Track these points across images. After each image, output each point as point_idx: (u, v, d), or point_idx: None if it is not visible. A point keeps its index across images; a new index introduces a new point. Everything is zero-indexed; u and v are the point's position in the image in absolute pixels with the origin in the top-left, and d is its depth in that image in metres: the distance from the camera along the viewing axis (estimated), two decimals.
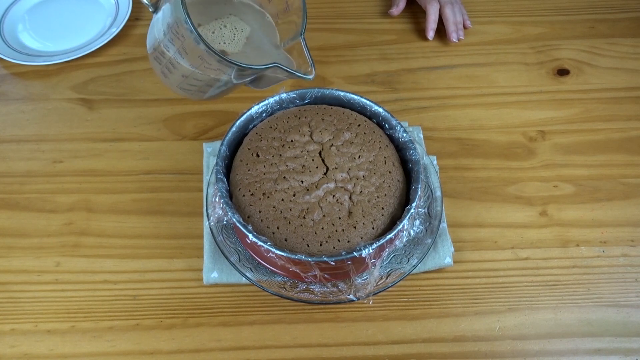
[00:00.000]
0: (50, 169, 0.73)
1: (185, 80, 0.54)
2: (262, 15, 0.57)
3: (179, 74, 0.53)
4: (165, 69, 0.54)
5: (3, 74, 0.83)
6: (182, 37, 0.48)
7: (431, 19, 0.85)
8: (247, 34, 0.55)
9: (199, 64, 0.50)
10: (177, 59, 0.51)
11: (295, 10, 0.55)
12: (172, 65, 0.52)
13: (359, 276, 0.60)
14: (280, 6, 0.56)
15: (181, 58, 0.51)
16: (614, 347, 0.60)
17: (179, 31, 0.48)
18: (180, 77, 0.53)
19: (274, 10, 0.56)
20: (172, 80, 0.55)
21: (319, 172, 0.60)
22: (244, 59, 0.54)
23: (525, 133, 0.76)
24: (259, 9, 0.57)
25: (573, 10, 0.91)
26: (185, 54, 0.50)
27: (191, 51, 0.49)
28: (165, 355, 0.60)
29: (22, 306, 0.63)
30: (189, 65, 0.51)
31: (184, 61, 0.51)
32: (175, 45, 0.50)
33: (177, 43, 0.49)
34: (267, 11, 0.57)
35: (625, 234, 0.68)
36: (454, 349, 0.60)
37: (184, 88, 0.55)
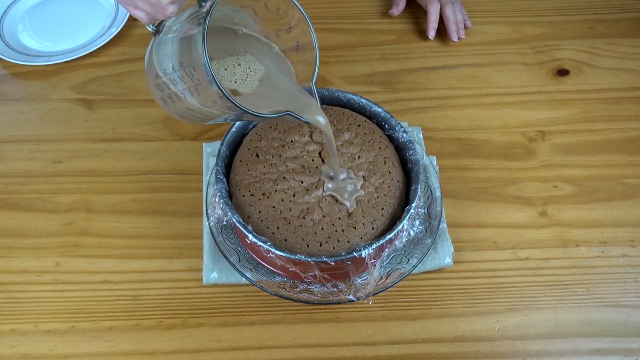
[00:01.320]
0: (50, 169, 0.73)
1: (188, 112, 0.51)
2: (269, 46, 0.55)
3: (184, 106, 0.51)
4: (168, 98, 0.51)
5: (3, 74, 0.83)
6: (198, 81, 0.46)
7: (432, 19, 0.85)
8: (261, 76, 0.53)
9: (210, 105, 0.48)
10: (184, 95, 0.49)
11: (306, 50, 0.53)
12: (176, 97, 0.50)
13: (359, 276, 0.60)
14: (289, 44, 0.54)
15: (190, 96, 0.48)
16: (613, 347, 0.60)
17: (195, 74, 0.46)
18: (184, 109, 0.51)
19: (283, 47, 0.55)
20: (172, 108, 0.53)
21: (319, 172, 0.60)
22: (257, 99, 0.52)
23: (525, 133, 0.76)
24: (266, 41, 0.55)
25: (573, 11, 0.91)
26: (197, 95, 0.48)
27: (204, 94, 0.47)
28: (165, 355, 0.60)
29: (21, 306, 0.62)
30: (198, 103, 0.49)
31: (192, 99, 0.48)
32: (185, 84, 0.48)
33: (188, 82, 0.47)
34: (274, 44, 0.55)
35: (625, 234, 0.68)
36: (453, 349, 0.60)
37: (184, 116, 0.53)
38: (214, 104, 0.47)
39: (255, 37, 0.54)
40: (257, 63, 0.54)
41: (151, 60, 0.52)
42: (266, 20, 0.53)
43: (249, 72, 0.53)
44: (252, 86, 0.53)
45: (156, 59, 0.51)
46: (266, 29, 0.54)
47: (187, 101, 0.49)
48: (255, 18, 0.53)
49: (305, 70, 0.54)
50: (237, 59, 0.53)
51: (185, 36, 0.47)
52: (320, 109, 0.53)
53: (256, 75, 0.53)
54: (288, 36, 0.53)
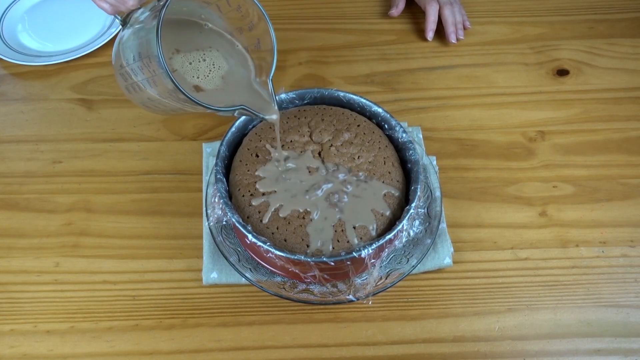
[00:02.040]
0: (50, 169, 0.73)
1: (149, 102, 0.53)
2: (232, 43, 0.56)
3: (145, 96, 0.52)
4: (131, 87, 0.53)
5: (2, 74, 0.83)
6: (154, 72, 0.47)
7: (430, 20, 0.85)
8: (224, 73, 0.55)
9: (167, 96, 0.49)
10: (144, 85, 0.50)
11: (266, 49, 0.54)
12: (138, 87, 0.52)
13: (359, 276, 0.60)
14: (251, 41, 0.55)
15: (149, 86, 0.50)
16: (613, 347, 0.60)
17: (151, 66, 0.47)
18: (146, 99, 0.53)
19: (245, 44, 0.56)
20: (135, 98, 0.55)
21: (318, 173, 0.60)
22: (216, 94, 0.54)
23: (525, 133, 0.76)
24: (230, 38, 0.56)
25: (573, 11, 0.91)
26: (155, 85, 0.49)
27: (161, 85, 0.48)
28: (165, 355, 0.60)
29: (21, 306, 0.62)
30: (157, 94, 0.50)
31: (151, 89, 0.50)
32: (144, 74, 0.49)
33: (146, 73, 0.49)
34: (238, 41, 0.56)
35: (624, 234, 0.68)
36: (453, 349, 0.60)
37: (148, 106, 0.55)
38: (169, 94, 0.48)
39: (219, 33, 0.56)
40: (222, 60, 0.55)
41: (118, 50, 0.53)
42: (230, 18, 0.54)
43: (212, 68, 0.55)
44: (214, 82, 0.54)
45: (121, 49, 0.53)
46: (230, 26, 0.55)
47: (147, 91, 0.51)
48: (220, 14, 0.54)
49: (266, 67, 0.55)
50: (203, 54, 0.55)
51: (145, 28, 0.49)
52: (275, 105, 0.55)
53: (219, 72, 0.55)
54: (250, 34, 0.55)
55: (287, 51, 0.85)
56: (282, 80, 0.82)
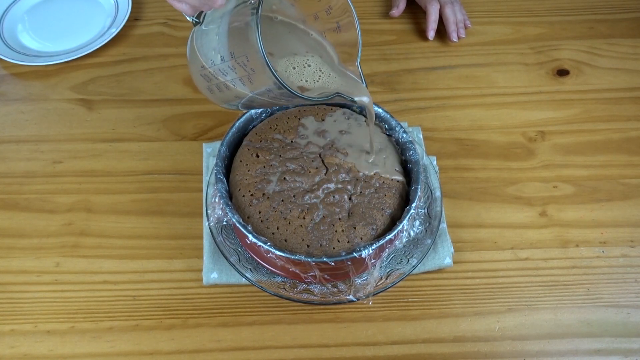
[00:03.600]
0: (50, 169, 0.73)
1: (236, 100, 0.52)
2: (307, 33, 0.55)
3: (232, 95, 0.51)
4: (215, 87, 0.52)
5: (2, 74, 0.83)
6: (251, 70, 0.46)
7: (431, 19, 0.85)
8: (328, 77, 0.54)
9: (262, 92, 0.49)
10: (234, 84, 0.50)
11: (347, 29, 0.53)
12: (225, 87, 0.51)
13: (359, 277, 0.60)
14: (329, 25, 0.54)
15: (242, 85, 0.49)
16: (613, 347, 0.60)
17: (248, 64, 0.46)
18: (232, 97, 0.52)
19: (322, 29, 0.55)
20: (219, 97, 0.54)
21: (319, 173, 0.60)
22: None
23: (525, 133, 0.76)
24: (303, 28, 0.55)
25: (573, 11, 0.91)
26: (250, 83, 0.48)
27: (257, 82, 0.48)
28: (165, 355, 0.60)
29: (21, 307, 0.62)
30: (249, 92, 0.50)
31: (244, 87, 0.49)
32: (237, 73, 0.48)
33: (240, 72, 0.48)
34: (311, 29, 0.55)
35: (624, 234, 0.68)
36: (453, 349, 0.60)
37: (232, 103, 0.54)
38: (267, 91, 0.48)
39: (291, 24, 0.55)
40: (326, 66, 0.55)
41: (194, 51, 0.52)
42: (303, 4, 0.53)
43: (321, 74, 0.54)
44: (319, 85, 0.54)
45: (201, 50, 0.51)
46: (304, 12, 0.54)
47: (238, 90, 0.50)
48: (292, 1, 0.53)
49: (347, 51, 0.54)
50: (307, 60, 0.54)
51: (233, 26, 0.47)
52: (366, 89, 0.55)
53: (327, 78, 0.55)
54: (327, 17, 0.53)
55: None
56: None
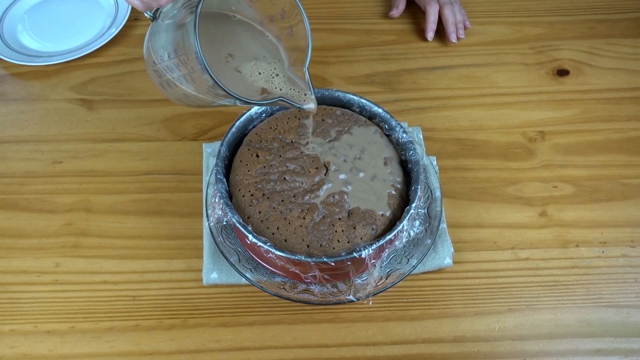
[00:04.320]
0: (50, 169, 0.73)
1: (185, 97, 0.52)
2: (263, 34, 0.55)
3: (180, 92, 0.51)
4: (166, 83, 0.52)
5: (2, 74, 0.83)
6: (192, 69, 0.47)
7: (431, 20, 0.85)
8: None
9: (205, 91, 0.49)
10: (180, 82, 0.50)
11: (299, 37, 0.53)
12: (173, 84, 0.51)
13: (359, 277, 0.60)
14: (283, 30, 0.54)
15: (186, 83, 0.49)
16: (613, 347, 0.60)
17: (189, 63, 0.46)
18: (181, 95, 0.52)
19: (277, 33, 0.55)
20: (170, 93, 0.54)
21: (319, 173, 0.60)
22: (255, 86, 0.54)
23: (525, 133, 0.76)
24: (260, 29, 0.55)
25: (573, 11, 0.91)
26: (192, 82, 0.48)
27: (199, 81, 0.48)
28: (165, 355, 0.60)
29: (21, 307, 0.62)
30: (193, 90, 0.50)
31: (188, 86, 0.49)
32: (181, 71, 0.48)
33: (183, 70, 0.48)
34: (268, 31, 0.55)
35: (624, 234, 0.68)
36: (453, 349, 0.60)
37: (183, 101, 0.54)
38: (208, 90, 0.48)
39: (249, 24, 0.55)
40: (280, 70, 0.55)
41: (149, 47, 0.52)
42: (260, 6, 0.53)
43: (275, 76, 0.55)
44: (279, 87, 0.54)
45: (153, 46, 0.52)
46: (261, 14, 0.54)
47: (183, 88, 0.50)
48: (249, 3, 0.53)
49: (299, 56, 0.54)
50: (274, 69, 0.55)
51: (179, 24, 0.47)
52: (312, 95, 0.54)
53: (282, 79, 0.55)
54: (282, 22, 0.54)
55: None
56: None
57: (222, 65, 0.53)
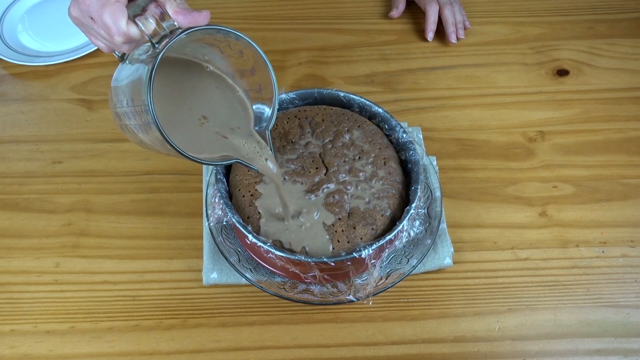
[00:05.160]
0: (50, 169, 0.73)
1: (143, 144, 0.51)
2: (233, 89, 0.54)
3: (138, 139, 0.50)
4: (125, 127, 0.51)
5: (2, 74, 0.83)
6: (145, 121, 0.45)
7: (430, 20, 0.85)
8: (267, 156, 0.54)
9: (158, 145, 0.47)
10: (136, 130, 0.48)
11: (267, 94, 0.53)
12: (132, 130, 0.49)
13: (359, 277, 0.60)
14: (253, 86, 0.54)
15: (142, 133, 0.47)
16: (613, 347, 0.60)
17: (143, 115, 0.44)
18: (139, 141, 0.51)
19: (246, 87, 0.54)
20: (129, 137, 0.52)
21: (319, 173, 0.60)
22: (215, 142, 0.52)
23: (525, 133, 0.76)
24: (231, 83, 0.54)
25: (572, 11, 0.91)
26: (146, 134, 0.47)
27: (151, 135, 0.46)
28: (165, 355, 0.60)
29: (21, 307, 0.62)
30: (149, 141, 0.48)
31: (144, 135, 0.48)
32: (136, 120, 0.47)
33: (138, 120, 0.46)
34: (239, 85, 0.54)
35: (624, 234, 0.68)
36: (453, 349, 0.60)
37: (143, 147, 0.53)
38: (161, 144, 0.46)
39: (221, 78, 0.54)
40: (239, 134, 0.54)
41: (114, 87, 0.51)
42: (232, 61, 0.52)
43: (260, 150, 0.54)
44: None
45: (115, 88, 0.50)
46: (232, 68, 0.53)
47: (139, 136, 0.49)
48: (222, 55, 0.52)
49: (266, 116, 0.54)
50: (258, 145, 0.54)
51: (139, 74, 0.45)
52: (273, 157, 0.54)
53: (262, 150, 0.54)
54: (252, 78, 0.53)
55: (287, 51, 0.85)
56: (282, 81, 0.82)
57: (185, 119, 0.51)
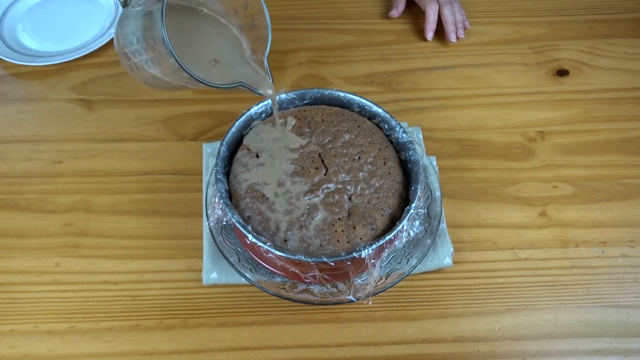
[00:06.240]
0: (50, 169, 0.73)
1: (152, 79, 0.56)
2: (227, 28, 0.60)
3: (148, 74, 0.55)
4: (134, 66, 0.56)
5: (2, 74, 0.83)
6: (158, 52, 0.50)
7: (430, 20, 0.85)
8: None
9: (170, 74, 0.52)
10: (147, 64, 0.53)
11: (261, 27, 0.58)
12: (141, 67, 0.54)
13: (359, 277, 0.60)
14: (246, 21, 0.59)
15: (153, 66, 0.52)
16: (613, 347, 0.60)
17: (155, 47, 0.50)
18: (149, 77, 0.56)
19: (241, 23, 0.60)
20: (138, 76, 0.57)
21: (319, 173, 0.60)
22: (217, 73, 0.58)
23: (525, 133, 0.76)
24: (224, 22, 0.59)
25: (572, 11, 0.91)
26: (159, 65, 0.52)
27: (165, 64, 0.51)
28: (165, 355, 0.60)
29: (21, 307, 0.62)
30: (160, 73, 0.53)
31: (155, 69, 0.53)
32: (148, 54, 0.52)
33: (150, 53, 0.51)
34: (233, 23, 0.60)
35: (624, 234, 0.68)
36: (453, 349, 0.60)
37: (150, 83, 0.58)
38: (173, 73, 0.51)
39: (214, 18, 0.59)
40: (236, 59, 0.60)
41: (121, 32, 0.55)
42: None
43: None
44: None
45: (123, 31, 0.55)
46: (226, 6, 0.59)
47: (149, 70, 0.54)
48: None
49: (260, 46, 0.59)
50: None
51: (147, 11, 0.51)
52: (270, 80, 0.59)
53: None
54: (245, 13, 0.58)
55: (287, 51, 0.85)
56: (282, 81, 0.82)
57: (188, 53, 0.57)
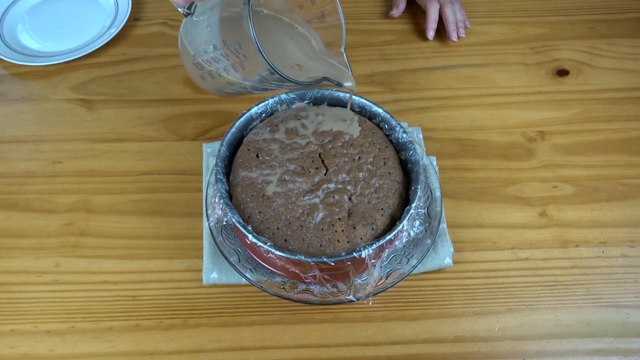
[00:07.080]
0: (50, 169, 0.73)
1: (228, 86, 0.54)
2: (292, 27, 0.57)
3: (224, 82, 0.53)
4: (207, 75, 0.54)
5: (2, 74, 0.83)
6: (244, 57, 0.48)
7: (431, 19, 0.85)
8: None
9: (253, 78, 0.51)
10: (227, 71, 0.52)
11: (331, 17, 0.55)
12: (217, 74, 0.53)
13: (359, 277, 0.60)
14: (314, 14, 0.56)
15: (234, 72, 0.51)
16: (613, 347, 0.60)
17: (241, 51, 0.48)
18: (224, 84, 0.54)
19: (307, 18, 0.57)
20: (211, 84, 0.56)
21: (319, 173, 0.60)
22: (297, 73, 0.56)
23: (525, 133, 0.76)
24: (288, 21, 0.57)
25: (572, 11, 0.91)
26: (242, 70, 0.50)
27: (249, 68, 0.50)
28: (165, 355, 0.60)
29: (21, 307, 0.62)
30: (241, 78, 0.52)
31: (236, 74, 0.51)
32: (229, 61, 0.50)
33: (232, 59, 0.50)
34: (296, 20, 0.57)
35: (624, 234, 0.68)
36: (453, 349, 0.60)
37: (223, 91, 0.56)
38: (259, 76, 0.50)
39: (277, 18, 0.57)
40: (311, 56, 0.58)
41: (190, 42, 0.54)
42: None
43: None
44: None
45: (192, 40, 0.53)
46: (289, 3, 0.56)
47: (228, 77, 0.52)
48: None
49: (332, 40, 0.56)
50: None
51: (224, 16, 0.49)
52: (350, 72, 0.56)
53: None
54: (312, 6, 0.55)
55: None
56: None
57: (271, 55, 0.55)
